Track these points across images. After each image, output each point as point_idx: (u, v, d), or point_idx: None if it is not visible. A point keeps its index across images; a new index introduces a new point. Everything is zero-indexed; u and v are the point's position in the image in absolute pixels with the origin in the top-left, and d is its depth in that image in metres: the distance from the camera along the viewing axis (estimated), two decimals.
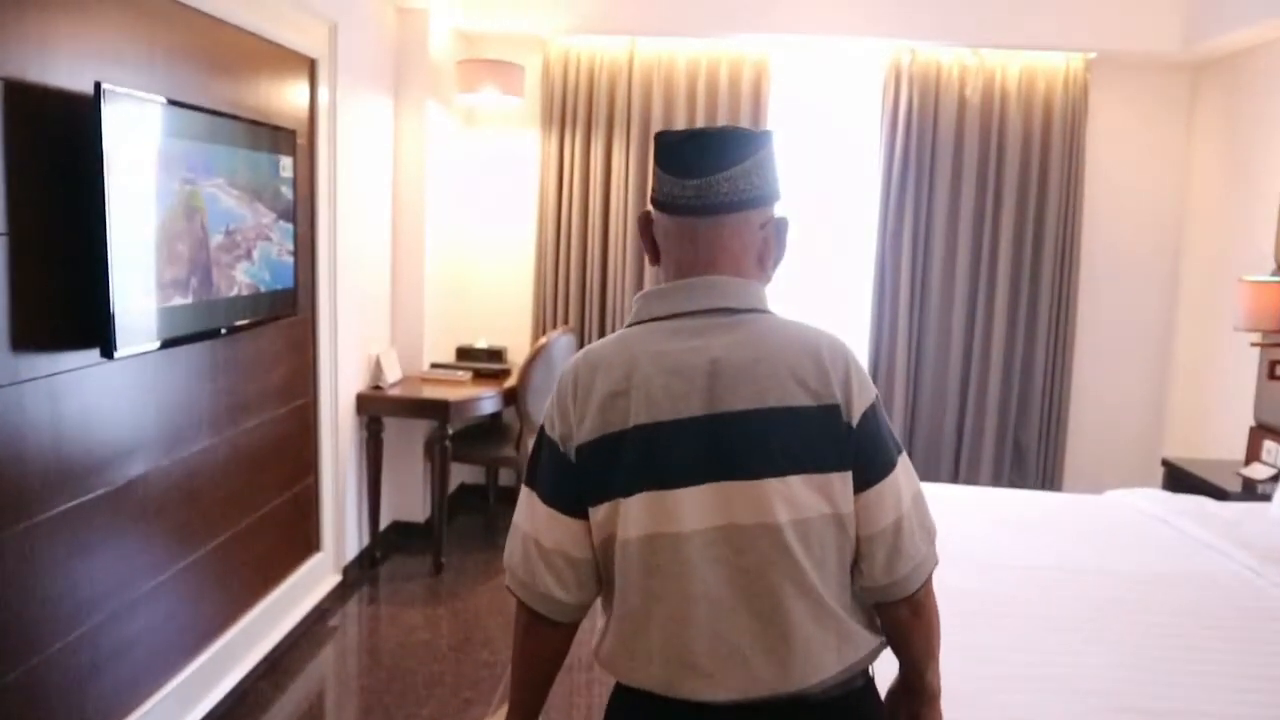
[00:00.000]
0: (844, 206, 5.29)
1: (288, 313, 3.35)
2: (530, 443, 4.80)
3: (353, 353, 4.19)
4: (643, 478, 1.26)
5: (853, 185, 5.26)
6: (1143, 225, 5.26)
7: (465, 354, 5.15)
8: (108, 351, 2.30)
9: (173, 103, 2.59)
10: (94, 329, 2.32)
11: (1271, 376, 4.18)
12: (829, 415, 1.26)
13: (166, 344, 2.58)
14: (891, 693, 1.48)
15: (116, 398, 2.55)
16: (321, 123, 3.72)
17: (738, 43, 5.04)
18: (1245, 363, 4.48)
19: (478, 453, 4.84)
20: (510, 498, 5.29)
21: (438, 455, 4.45)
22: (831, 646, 1.27)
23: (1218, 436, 4.76)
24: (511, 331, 5.39)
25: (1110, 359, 5.33)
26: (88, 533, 2.46)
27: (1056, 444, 5.28)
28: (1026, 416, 5.27)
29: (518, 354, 5.34)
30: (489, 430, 4.90)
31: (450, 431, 4.41)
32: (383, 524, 4.59)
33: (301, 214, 3.50)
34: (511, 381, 4.77)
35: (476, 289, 5.42)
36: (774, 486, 1.23)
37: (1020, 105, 5.08)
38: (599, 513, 1.28)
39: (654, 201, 1.38)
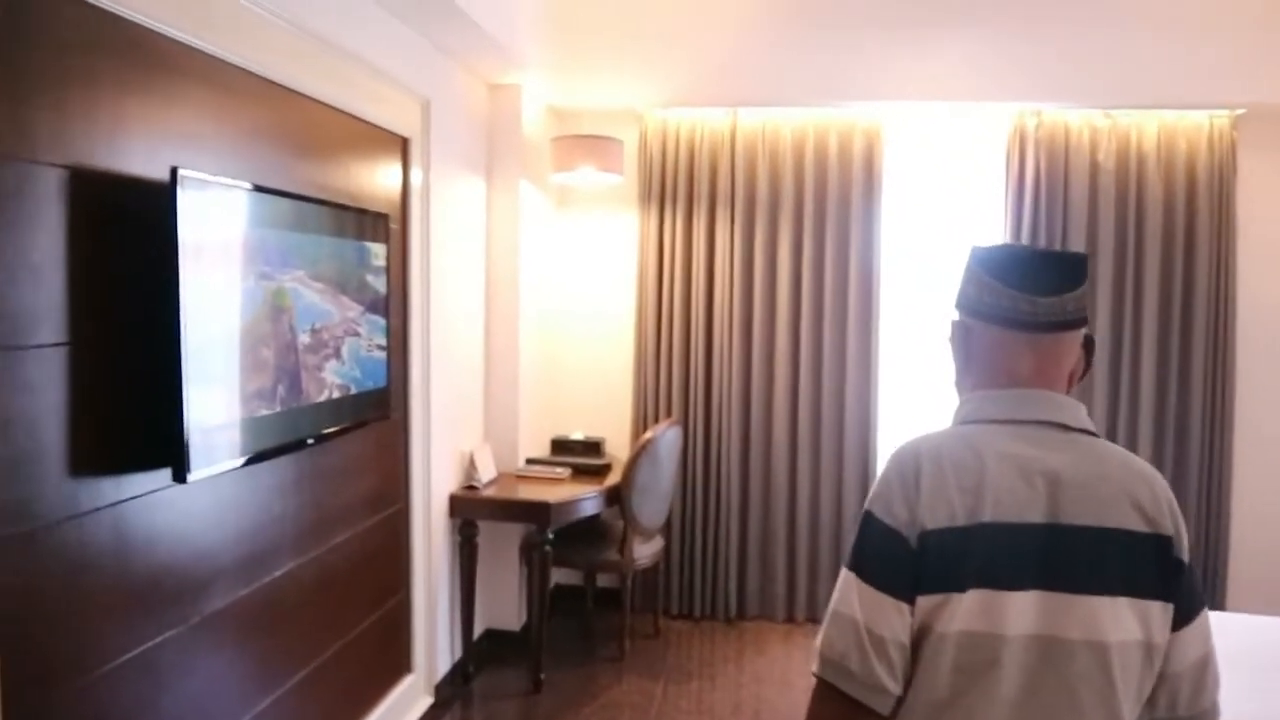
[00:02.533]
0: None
1: (380, 414, 3.05)
2: (639, 545, 4.45)
3: (445, 452, 3.87)
4: (980, 576, 1.26)
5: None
6: None
7: (561, 446, 4.80)
8: (180, 475, 1.99)
9: (258, 189, 2.33)
10: (165, 448, 2.01)
11: None
12: (1162, 545, 1.29)
13: (249, 461, 2.27)
14: None
15: (190, 523, 2.25)
16: (414, 206, 3.46)
17: (847, 109, 4.71)
18: None
19: (578, 556, 4.45)
20: (610, 600, 4.97)
21: (537, 561, 4.08)
22: None
23: None
24: (609, 422, 5.04)
25: (1275, 460, 4.75)
26: (159, 680, 2.14)
27: (1217, 556, 4.70)
28: (1181, 514, 4.69)
29: (616, 446, 4.98)
30: (589, 530, 4.52)
31: (550, 535, 4.04)
32: (475, 632, 4.22)
33: (393, 305, 3.22)
34: (613, 479, 4.40)
35: (571, 377, 5.10)
36: (1104, 605, 1.25)
37: (1160, 168, 4.64)
38: (927, 602, 1.28)
39: (976, 313, 1.42)
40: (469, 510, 4.03)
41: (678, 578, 4.95)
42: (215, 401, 2.12)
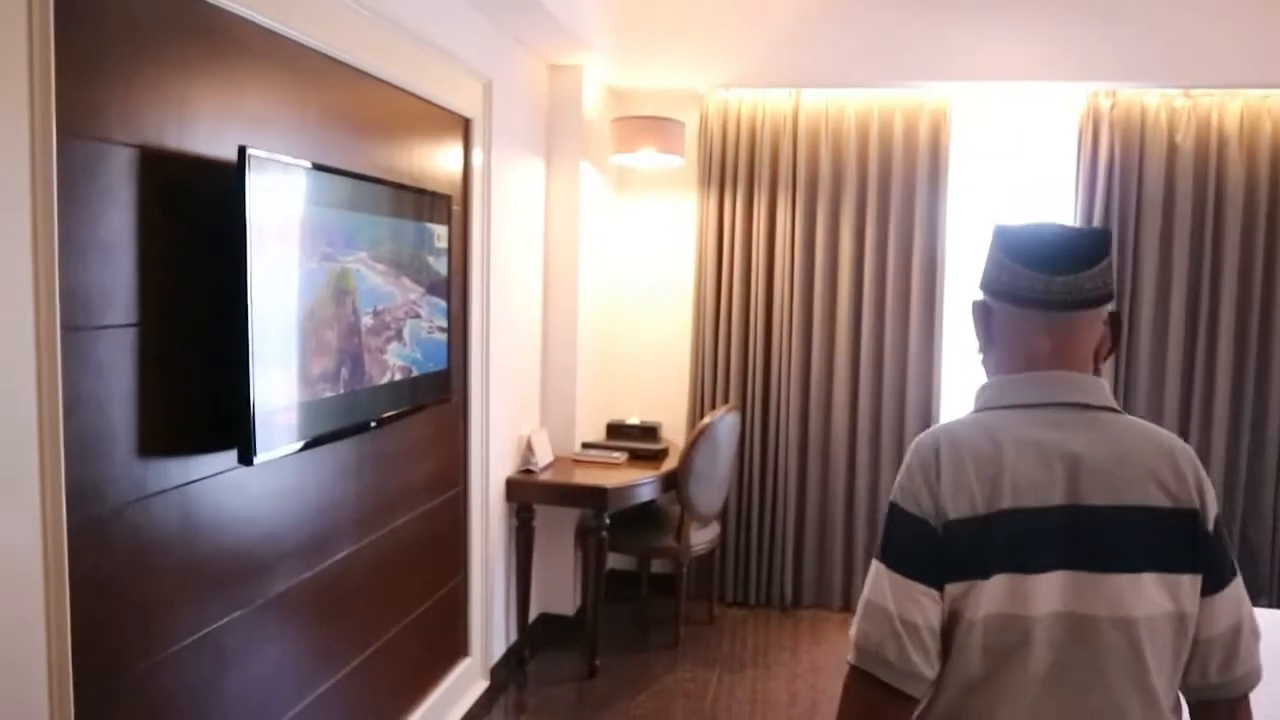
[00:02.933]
0: None
1: (441, 397, 3.03)
2: (695, 531, 4.40)
3: (503, 435, 3.86)
4: (1003, 562, 1.28)
5: None
6: None
7: (616, 431, 4.77)
8: (247, 457, 1.98)
9: (327, 169, 2.31)
10: (231, 430, 2.00)
11: None
12: (1186, 518, 1.29)
13: (313, 443, 2.26)
14: None
15: (255, 506, 2.25)
16: (475, 187, 3.43)
17: (914, 89, 4.59)
18: None
19: (633, 541, 4.42)
20: (665, 586, 4.93)
21: (593, 546, 4.05)
22: None
23: None
24: (665, 407, 5.00)
25: None
26: (223, 662, 2.14)
27: None
28: (1257, 511, 4.55)
29: (672, 431, 4.94)
30: (645, 516, 4.49)
31: (607, 520, 4.01)
32: (530, 616, 4.21)
33: (454, 287, 3.19)
34: (670, 464, 4.36)
35: (628, 361, 5.06)
36: (1129, 582, 1.26)
37: (1242, 150, 4.46)
38: (955, 589, 1.30)
39: (996, 292, 1.42)
40: (526, 494, 4.02)
41: (733, 565, 4.90)
42: (281, 383, 2.10)
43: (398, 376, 2.67)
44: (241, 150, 1.94)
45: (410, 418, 2.91)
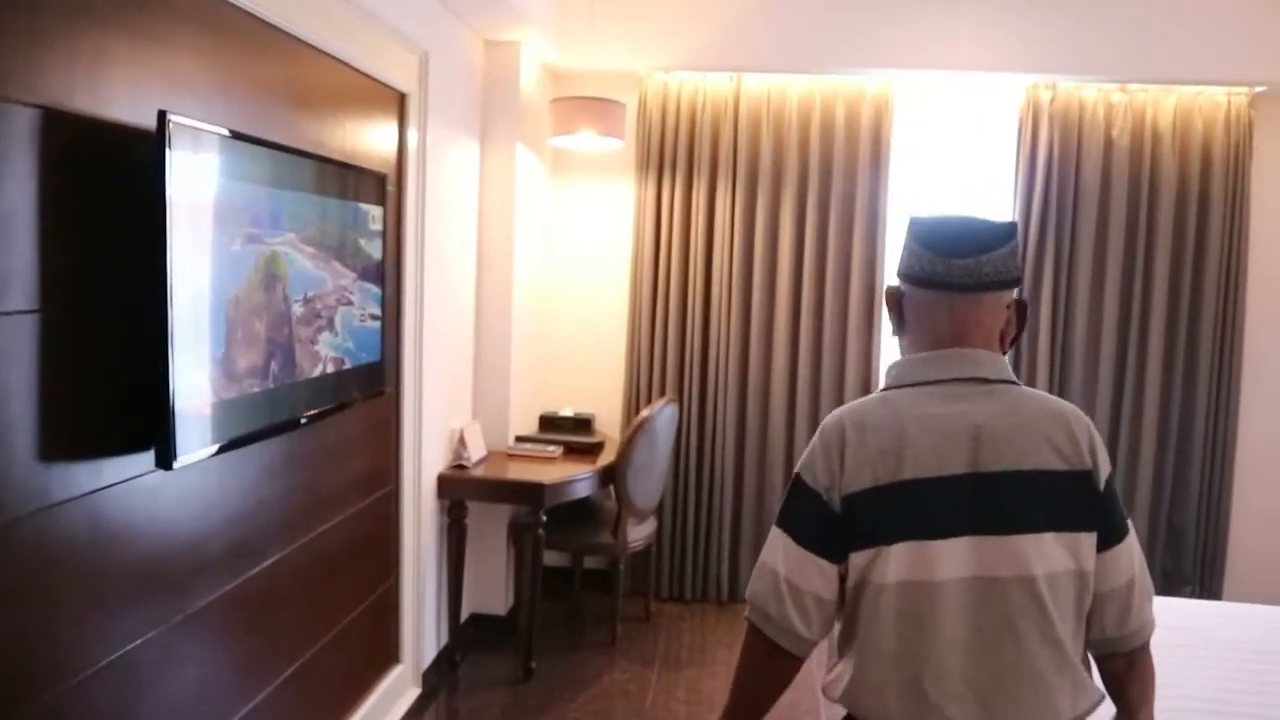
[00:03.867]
0: None
1: (375, 390, 2.83)
2: (632, 527, 4.27)
3: (436, 429, 3.67)
4: (906, 529, 1.36)
5: None
6: None
7: (550, 423, 4.61)
8: (166, 460, 1.77)
9: (257, 141, 2.09)
10: (148, 430, 1.79)
11: None
12: (1081, 480, 1.38)
13: (238, 443, 2.05)
14: None
15: (175, 512, 2.03)
16: (410, 167, 3.23)
17: (856, 76, 4.52)
18: None
19: (568, 538, 4.27)
20: (598, 582, 4.80)
21: (529, 544, 3.89)
22: (1067, 693, 1.36)
23: None
24: (600, 398, 4.85)
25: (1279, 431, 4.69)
26: (140, 684, 1.93)
27: (1217, 529, 4.62)
28: (1183, 499, 4.62)
29: (606, 423, 4.80)
30: (580, 512, 4.34)
31: (544, 517, 3.85)
32: (461, 617, 4.03)
33: (388, 272, 2.99)
34: (607, 458, 4.21)
35: (562, 351, 4.90)
36: (1030, 542, 1.34)
37: (1175, 147, 4.50)
38: (860, 558, 1.38)
39: (907, 277, 1.50)
40: (458, 490, 3.83)
41: (669, 560, 4.79)
42: (204, 378, 1.90)
43: (330, 369, 2.47)
44: (162, 116, 1.73)
45: (343, 412, 2.71)
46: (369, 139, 2.95)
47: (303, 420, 2.34)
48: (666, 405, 4.25)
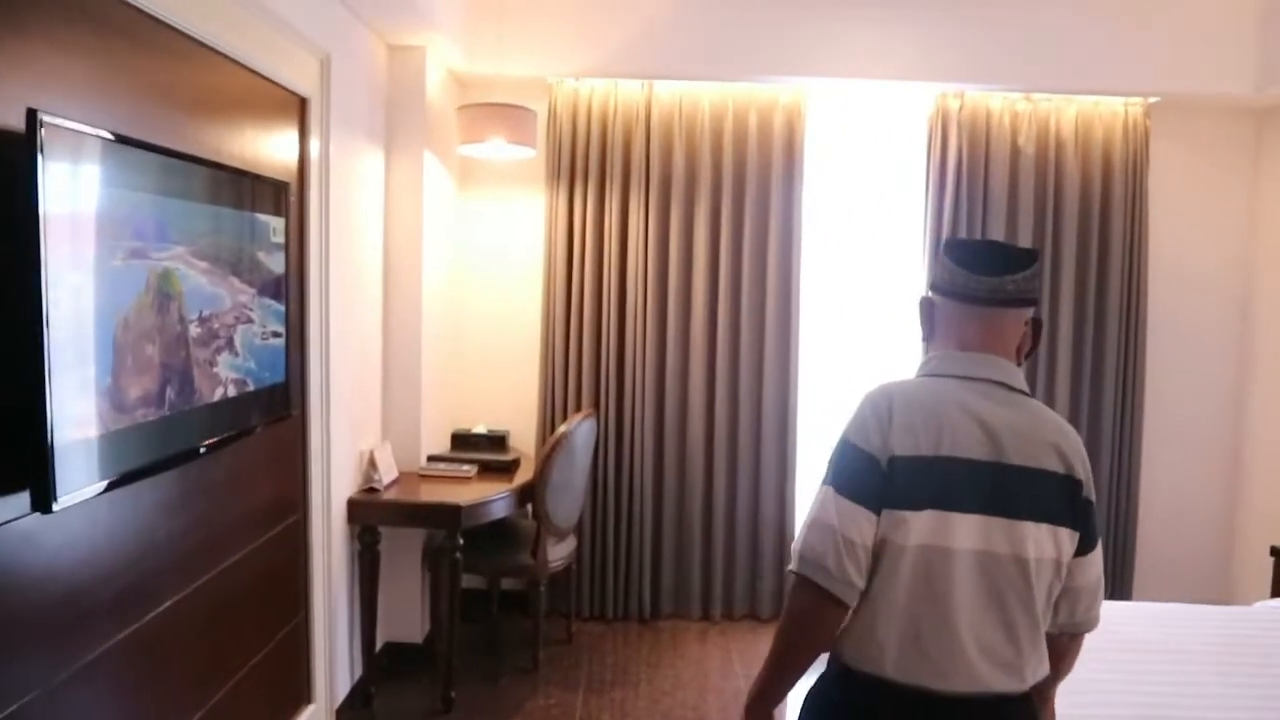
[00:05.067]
0: (888, 265, 4.73)
1: (280, 413, 2.65)
2: (552, 546, 4.13)
3: (344, 451, 3.48)
4: (935, 498, 1.53)
5: (897, 243, 4.71)
6: (1213, 282, 4.80)
7: (463, 441, 4.45)
8: (44, 502, 1.59)
9: (141, 145, 1.91)
10: (22, 469, 1.60)
11: None
12: (1073, 485, 1.58)
13: (128, 478, 1.86)
14: None
15: (55, 559, 1.83)
16: (313, 176, 3.05)
17: (768, 84, 4.49)
18: None
19: (485, 561, 4.11)
20: (516, 604, 4.64)
21: (446, 569, 3.72)
22: (1032, 664, 1.57)
23: None
24: (514, 414, 4.71)
25: (1183, 432, 4.83)
26: None
27: (1126, 530, 4.72)
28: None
29: (521, 440, 4.66)
30: (497, 533, 4.18)
31: (461, 540, 3.69)
32: (375, 647, 3.84)
33: (291, 288, 2.81)
34: (524, 476, 4.08)
35: (474, 366, 4.74)
36: (1030, 528, 1.54)
37: (1077, 154, 4.60)
38: (890, 517, 1.54)
39: (939, 289, 1.70)
40: (370, 515, 3.65)
41: (589, 578, 4.67)
42: (89, 407, 1.71)
43: (231, 392, 2.29)
44: (32, 115, 1.55)
45: (246, 439, 2.52)
46: (268, 146, 2.76)
47: (202, 450, 2.15)
48: (584, 420, 4.14)
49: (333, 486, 3.31)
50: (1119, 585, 4.71)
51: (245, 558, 2.66)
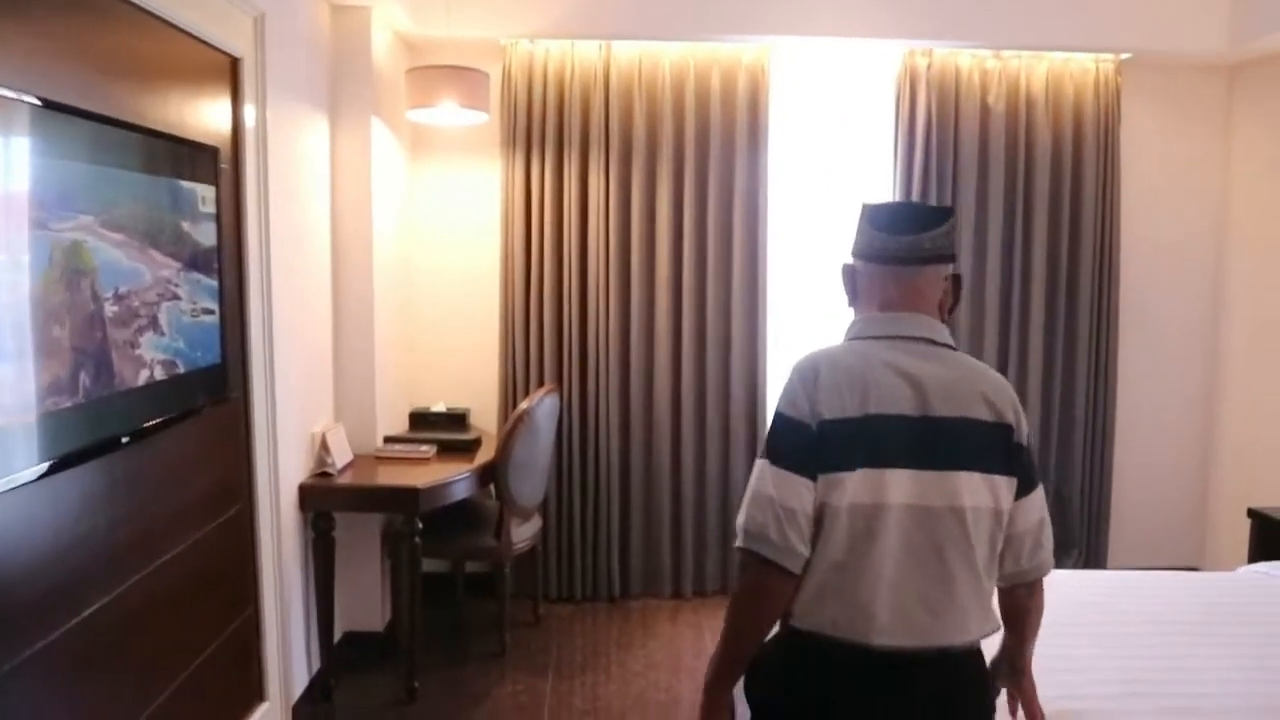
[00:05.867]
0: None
1: (217, 396, 2.47)
2: (516, 527, 3.99)
3: (293, 435, 3.31)
4: (866, 457, 1.55)
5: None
6: (1186, 241, 4.73)
7: (421, 420, 4.29)
8: None
9: (52, 105, 1.72)
10: None
11: None
12: (1004, 432, 1.61)
13: (46, 471, 1.69)
14: (994, 663, 1.76)
15: None
16: (248, 142, 2.85)
17: (731, 44, 4.33)
18: None
19: (449, 544, 3.97)
20: (481, 586, 4.49)
21: (405, 554, 3.57)
22: (977, 618, 1.59)
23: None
24: (474, 391, 4.55)
25: (1157, 392, 4.77)
26: None
27: (1101, 496, 4.66)
28: (1069, 464, 4.64)
29: (482, 418, 4.50)
30: (459, 515, 4.03)
31: (420, 524, 3.54)
32: (334, 638, 3.69)
33: (226, 261, 2.63)
34: (486, 456, 3.92)
35: (430, 342, 4.57)
36: (962, 479, 1.56)
37: (1048, 113, 4.49)
38: (827, 479, 1.56)
39: (859, 254, 1.73)
40: (323, 501, 3.48)
41: (555, 558, 4.53)
42: None
43: (159, 375, 2.12)
44: None
45: (180, 424, 2.34)
46: (195, 109, 2.56)
47: (125, 439, 1.98)
48: (547, 396, 3.99)
49: (281, 472, 3.13)
50: (1094, 552, 4.66)
51: (185, 551, 2.49)
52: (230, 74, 2.76)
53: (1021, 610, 1.70)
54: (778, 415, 1.63)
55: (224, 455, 2.76)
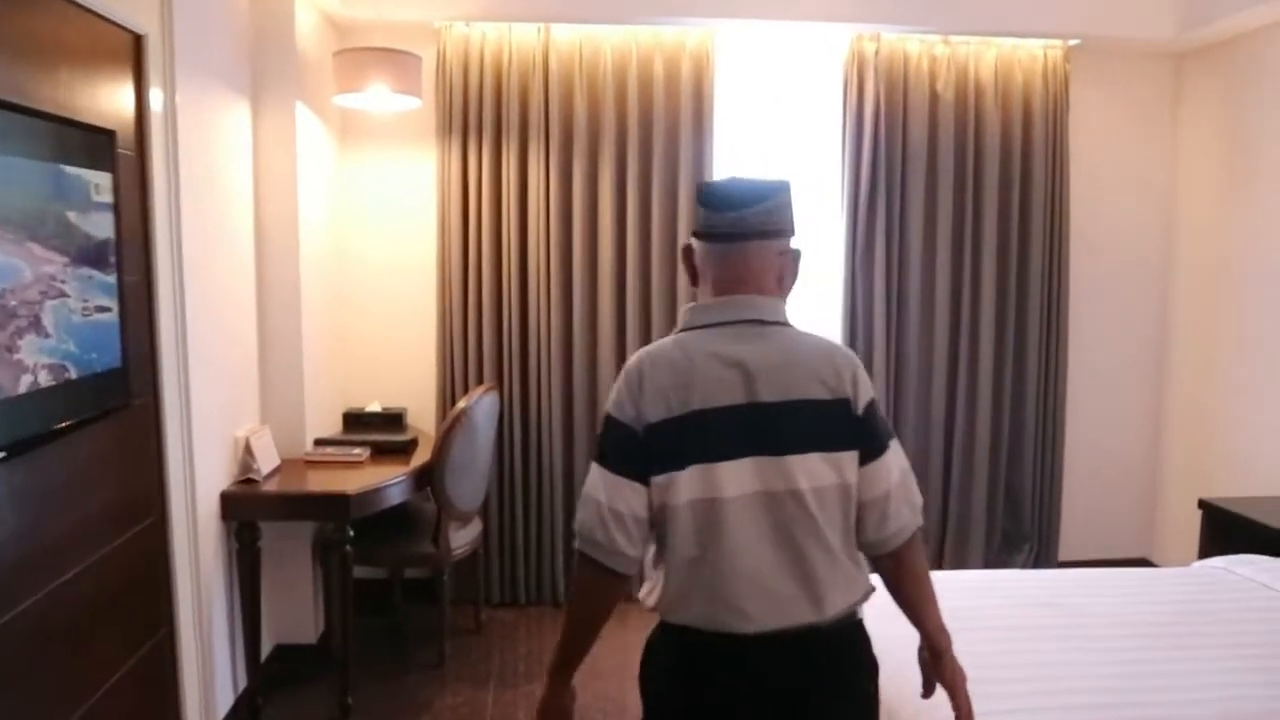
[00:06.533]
0: (805, 219, 4.48)
1: (117, 402, 2.27)
2: (455, 532, 3.82)
3: (213, 440, 3.10)
4: (697, 454, 1.55)
5: (814, 193, 4.47)
6: (1134, 229, 4.70)
7: (355, 421, 4.10)
8: None
9: None
10: None
11: None
12: (841, 407, 1.59)
13: None
14: (919, 652, 1.72)
15: None
16: (154, 127, 2.63)
17: (674, 28, 4.18)
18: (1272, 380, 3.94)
19: (384, 551, 3.79)
20: (421, 592, 4.29)
21: (336, 564, 3.39)
22: (839, 587, 1.59)
23: (1238, 467, 4.20)
24: (411, 390, 4.36)
25: (1106, 384, 4.74)
26: None
27: (1051, 489, 4.61)
28: (1019, 462, 4.58)
29: (420, 418, 4.32)
30: (395, 520, 3.85)
31: (351, 532, 3.35)
32: (263, 653, 3.50)
33: (127, 256, 2.42)
34: (422, 458, 3.75)
35: (365, 339, 4.37)
36: (798, 461, 1.56)
37: (997, 100, 4.41)
38: (660, 480, 1.56)
39: (695, 234, 1.72)
40: (248, 510, 3.28)
41: (498, 562, 4.37)
42: None
43: (45, 381, 1.92)
44: None
45: (74, 433, 2.14)
46: (90, 90, 2.34)
47: (1, 453, 1.78)
48: (485, 394, 3.82)
49: (199, 481, 2.93)
50: (1046, 546, 4.61)
51: (86, 571, 2.28)
52: (133, 53, 2.55)
53: (894, 580, 1.69)
54: (607, 418, 1.63)
55: (130, 465, 2.55)
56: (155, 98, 2.63)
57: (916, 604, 1.68)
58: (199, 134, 2.97)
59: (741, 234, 1.63)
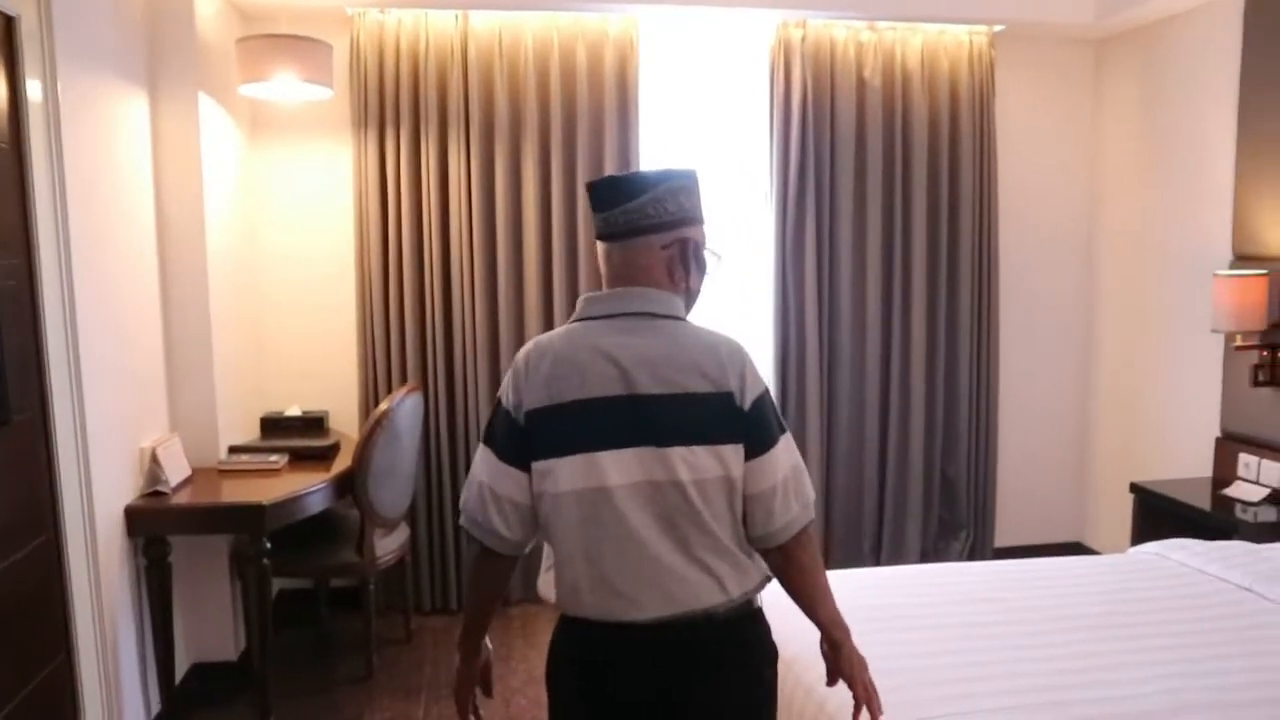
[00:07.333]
0: (734, 207, 4.42)
1: None
2: (380, 539, 3.67)
3: (114, 452, 2.92)
4: (577, 442, 1.57)
5: (743, 183, 4.40)
6: (1059, 211, 4.73)
7: (273, 426, 3.93)
8: None
9: None
10: None
11: (1255, 383, 3.63)
12: (724, 400, 1.58)
13: None
14: (819, 644, 1.73)
15: None
16: (33, 119, 2.45)
17: (597, 14, 4.08)
18: (1201, 364, 4.00)
19: (305, 562, 3.64)
20: (348, 600, 4.11)
21: (253, 577, 3.23)
22: (730, 575, 1.59)
23: (1165, 449, 4.25)
24: (333, 392, 4.20)
25: (1038, 369, 4.76)
26: None
27: (986, 476, 4.62)
28: (953, 450, 4.58)
29: (342, 421, 4.16)
30: (317, 528, 3.68)
31: (267, 544, 3.19)
32: (179, 672, 3.32)
33: (3, 259, 2.24)
34: (344, 463, 3.59)
35: (283, 340, 4.20)
36: (680, 453, 1.55)
37: (925, 87, 4.40)
38: (540, 467, 1.59)
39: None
40: (155, 525, 3.11)
41: (428, 569, 4.22)
42: None
43: None
44: None
45: None
46: None
47: None
48: (409, 395, 3.68)
49: (98, 496, 2.75)
50: (982, 533, 4.61)
51: None
52: (3, 36, 2.36)
53: (783, 575, 1.67)
54: (496, 402, 1.66)
55: (14, 485, 2.37)
56: (32, 87, 2.45)
57: (807, 598, 1.68)
58: (88, 126, 2.78)
59: (622, 231, 1.63)
